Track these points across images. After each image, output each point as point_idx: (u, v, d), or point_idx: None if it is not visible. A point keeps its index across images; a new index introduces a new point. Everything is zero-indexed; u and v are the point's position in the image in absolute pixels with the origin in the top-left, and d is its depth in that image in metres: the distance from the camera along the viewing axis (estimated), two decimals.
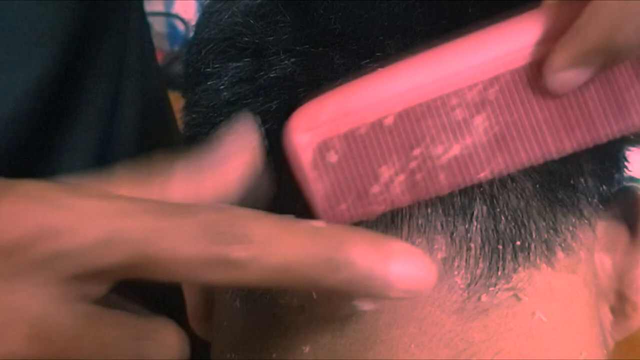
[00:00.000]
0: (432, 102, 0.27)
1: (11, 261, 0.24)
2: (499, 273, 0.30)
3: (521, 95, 0.28)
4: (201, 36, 0.35)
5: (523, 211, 0.30)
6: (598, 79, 0.27)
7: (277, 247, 0.24)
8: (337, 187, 0.28)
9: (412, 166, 0.28)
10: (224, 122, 0.32)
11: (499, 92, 0.27)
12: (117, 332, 0.25)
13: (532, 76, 0.27)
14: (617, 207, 0.34)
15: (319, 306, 0.31)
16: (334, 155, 0.27)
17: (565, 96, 0.27)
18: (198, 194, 0.27)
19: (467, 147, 0.28)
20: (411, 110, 0.27)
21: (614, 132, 0.28)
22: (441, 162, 0.28)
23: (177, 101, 0.37)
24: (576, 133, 0.28)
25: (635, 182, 0.35)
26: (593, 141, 0.28)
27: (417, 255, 0.25)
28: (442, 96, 0.27)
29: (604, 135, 0.28)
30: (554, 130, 0.28)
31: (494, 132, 0.28)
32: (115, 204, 0.25)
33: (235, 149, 0.28)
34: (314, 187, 0.28)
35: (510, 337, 0.30)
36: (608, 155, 0.33)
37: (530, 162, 0.28)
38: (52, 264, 0.24)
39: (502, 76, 0.27)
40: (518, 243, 0.30)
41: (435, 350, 0.30)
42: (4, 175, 0.39)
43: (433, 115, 0.27)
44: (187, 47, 0.36)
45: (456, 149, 0.28)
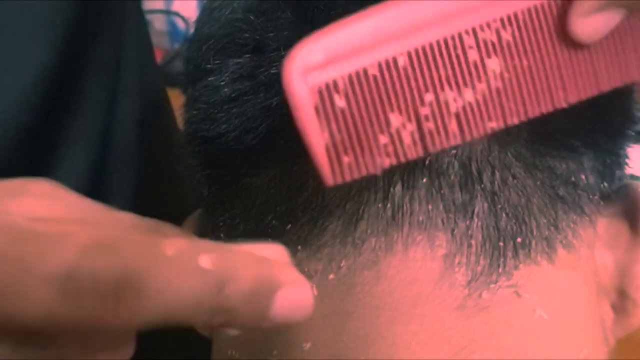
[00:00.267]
0: (447, 41, 0.25)
1: None
2: (500, 270, 0.30)
3: (537, 38, 0.26)
4: (201, 32, 0.35)
5: (524, 208, 0.30)
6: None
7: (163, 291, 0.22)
8: (341, 137, 0.25)
9: (423, 113, 0.25)
10: (225, 119, 0.32)
11: (516, 32, 0.26)
12: None
13: (551, 17, 0.26)
14: (618, 204, 0.34)
15: (320, 303, 0.30)
16: (340, 100, 0.24)
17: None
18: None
19: (480, 94, 0.26)
20: (427, 48, 0.25)
21: (616, 83, 0.27)
22: (452, 109, 0.26)
23: (177, 99, 0.37)
24: (585, 81, 0.27)
25: (636, 179, 0.35)
26: (598, 90, 0.27)
27: (302, 287, 0.23)
28: (458, 33, 0.25)
29: (607, 86, 0.27)
30: (566, 77, 0.26)
31: (507, 77, 0.26)
32: None
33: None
34: (314, 140, 0.25)
35: (511, 334, 0.30)
36: (609, 152, 0.33)
37: (540, 111, 0.26)
38: None
39: (519, 14, 0.25)
40: (519, 240, 0.30)
41: (436, 347, 0.30)
42: (8, 165, 0.39)
43: (447, 56, 0.25)
44: (187, 43, 0.36)
45: (468, 95, 0.26)
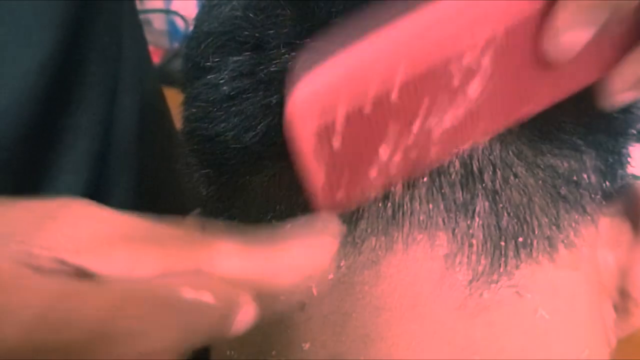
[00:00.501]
0: (435, 69, 0.25)
1: None
2: (501, 270, 0.30)
3: (514, 57, 0.26)
4: (201, 30, 0.34)
5: (525, 207, 0.30)
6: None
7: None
8: (336, 173, 0.26)
9: (409, 143, 0.26)
10: (224, 117, 0.32)
11: (493, 55, 0.26)
12: None
13: (525, 36, 0.26)
14: (620, 204, 0.34)
15: (320, 303, 0.30)
16: (337, 140, 0.25)
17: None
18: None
19: (457, 118, 0.26)
20: (416, 78, 0.25)
21: (584, 84, 0.28)
22: (434, 135, 0.26)
23: (176, 98, 0.37)
24: (558, 87, 0.27)
25: (639, 179, 0.35)
26: (569, 93, 0.28)
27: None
28: (444, 61, 0.25)
29: (577, 87, 0.28)
30: (539, 87, 0.27)
31: (483, 99, 0.26)
32: None
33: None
34: (315, 177, 0.26)
35: (512, 334, 0.30)
36: (611, 152, 0.33)
37: (510, 122, 0.27)
38: None
39: (497, 37, 0.25)
40: (520, 239, 0.30)
41: (436, 347, 0.29)
42: (12, 156, 0.39)
43: (433, 85, 0.25)
44: (186, 41, 0.36)
45: (448, 119, 0.26)
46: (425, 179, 0.30)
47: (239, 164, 0.32)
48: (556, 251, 0.31)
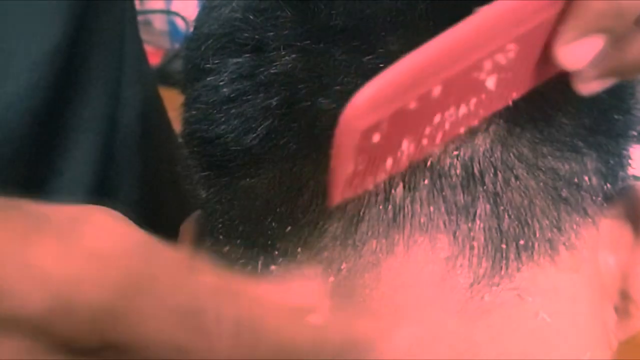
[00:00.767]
0: (469, 67, 0.25)
1: None
2: (502, 272, 0.30)
3: (528, 55, 0.27)
4: (200, 31, 0.34)
5: (527, 209, 0.30)
6: None
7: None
8: (362, 164, 0.26)
9: (426, 133, 0.26)
10: (224, 119, 0.32)
11: (515, 52, 0.26)
12: None
13: (541, 35, 0.27)
14: (621, 206, 0.34)
15: None
16: (377, 136, 0.25)
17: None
18: None
19: (469, 107, 0.27)
20: (454, 75, 0.25)
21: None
22: (447, 125, 0.27)
23: (176, 100, 0.37)
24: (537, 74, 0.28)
25: (639, 180, 0.35)
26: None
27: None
28: (478, 59, 0.26)
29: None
30: (541, 74, 0.28)
31: (494, 90, 0.27)
32: None
33: None
34: (344, 169, 0.25)
35: (513, 337, 0.30)
36: (612, 153, 0.33)
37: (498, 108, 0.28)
38: None
39: (521, 35, 0.26)
40: (522, 242, 0.30)
41: (438, 351, 0.29)
42: (20, 147, 0.39)
43: (464, 80, 0.26)
44: (186, 42, 0.36)
45: (463, 110, 0.27)
46: (426, 181, 0.29)
47: (238, 166, 0.32)
48: (557, 253, 0.31)
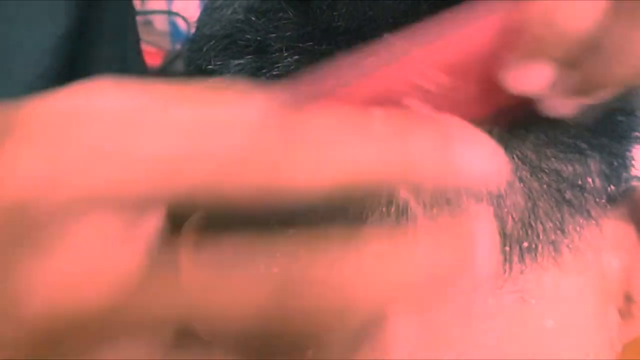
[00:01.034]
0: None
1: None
2: (506, 275, 0.30)
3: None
4: (202, 33, 0.34)
5: (530, 212, 0.30)
6: None
7: None
8: None
9: None
10: None
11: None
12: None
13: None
14: (624, 207, 0.33)
15: None
16: None
17: None
18: None
19: None
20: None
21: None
22: None
23: None
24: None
25: None
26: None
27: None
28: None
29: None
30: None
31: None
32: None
33: None
34: None
35: (516, 340, 0.30)
36: (615, 155, 0.33)
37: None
38: (72, 209, 0.20)
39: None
40: (525, 244, 0.30)
41: (441, 354, 0.29)
42: None
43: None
44: (188, 44, 0.36)
45: None
46: None
47: None
48: (561, 256, 0.30)
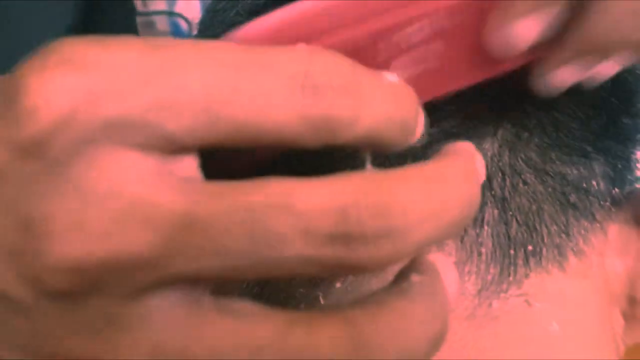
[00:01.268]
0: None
1: (61, 140, 0.20)
2: (511, 279, 0.29)
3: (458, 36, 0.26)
4: (205, 35, 0.34)
5: (535, 215, 0.30)
6: None
7: (373, 107, 0.21)
8: None
9: None
10: None
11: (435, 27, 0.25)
12: (232, 204, 0.20)
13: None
14: (628, 210, 0.33)
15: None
16: None
17: None
18: None
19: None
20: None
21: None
22: None
23: None
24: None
25: None
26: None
27: None
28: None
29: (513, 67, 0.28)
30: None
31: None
32: (168, 57, 0.20)
33: None
34: None
35: (521, 344, 0.30)
36: (620, 157, 0.33)
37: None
38: (104, 135, 0.20)
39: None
40: (530, 248, 0.30)
41: (445, 357, 0.29)
42: None
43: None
44: None
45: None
46: None
47: (246, 172, 0.32)
48: (565, 259, 0.30)
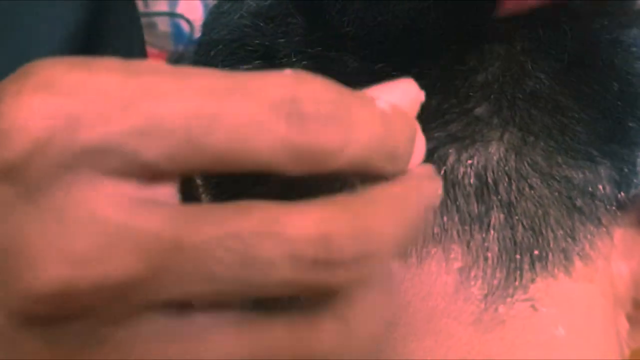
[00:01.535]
0: None
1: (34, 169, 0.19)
2: (517, 283, 0.29)
3: None
4: (210, 37, 0.34)
5: (541, 219, 0.30)
6: None
7: (360, 136, 0.21)
8: None
9: None
10: None
11: None
12: (220, 231, 0.20)
13: None
14: (633, 214, 0.33)
15: None
16: None
17: None
18: None
19: None
20: None
21: None
22: None
23: None
24: None
25: None
26: None
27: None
28: None
29: None
30: None
31: None
32: (149, 83, 0.19)
33: None
34: None
35: (527, 348, 0.29)
36: (626, 161, 0.32)
37: None
38: (82, 161, 0.19)
39: None
40: (536, 252, 0.29)
41: None
42: None
43: None
44: (195, 48, 0.36)
45: None
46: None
47: (247, 177, 0.31)
48: (572, 264, 0.30)
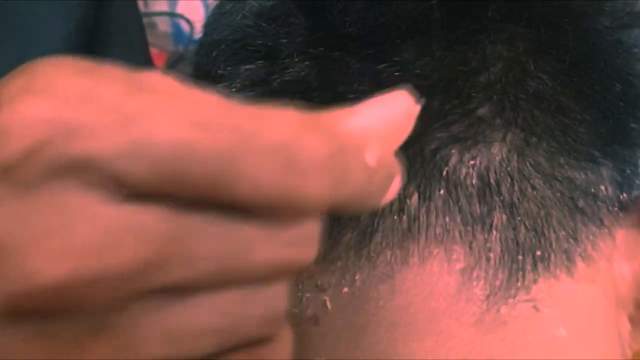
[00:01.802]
0: None
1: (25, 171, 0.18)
2: (519, 284, 0.29)
3: None
4: (211, 38, 0.34)
5: (543, 220, 0.30)
6: None
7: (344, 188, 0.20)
8: None
9: None
10: None
11: None
12: (215, 231, 0.19)
13: None
14: (635, 214, 0.33)
15: (334, 318, 0.30)
16: None
17: None
18: None
19: None
20: None
21: None
22: None
23: None
24: None
25: None
26: None
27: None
28: None
29: None
30: None
31: None
32: (151, 102, 0.19)
33: None
34: None
35: (529, 349, 0.29)
36: (628, 162, 0.32)
37: None
38: (71, 172, 0.18)
39: None
40: (538, 253, 0.29)
41: None
42: None
43: None
44: (196, 49, 0.36)
45: None
46: (441, 191, 0.29)
47: None
48: (574, 265, 0.30)
